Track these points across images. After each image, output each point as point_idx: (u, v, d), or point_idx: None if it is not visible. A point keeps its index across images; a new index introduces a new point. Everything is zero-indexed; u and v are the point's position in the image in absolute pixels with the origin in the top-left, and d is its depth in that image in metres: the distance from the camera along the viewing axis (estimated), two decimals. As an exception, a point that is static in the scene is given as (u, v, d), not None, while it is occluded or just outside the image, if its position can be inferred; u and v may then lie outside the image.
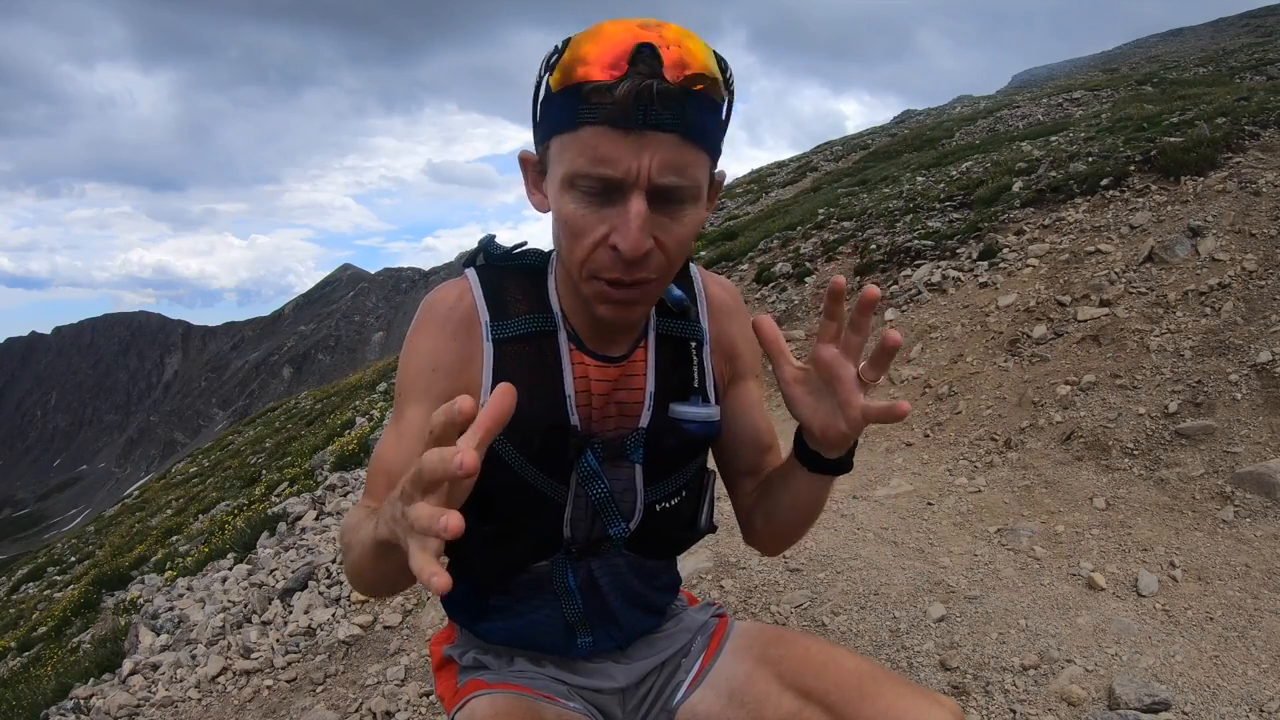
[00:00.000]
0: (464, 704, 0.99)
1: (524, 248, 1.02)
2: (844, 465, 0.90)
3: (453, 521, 0.54)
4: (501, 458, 0.94)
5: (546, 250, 1.02)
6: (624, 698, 1.11)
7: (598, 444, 0.97)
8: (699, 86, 0.77)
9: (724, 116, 0.82)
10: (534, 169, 0.89)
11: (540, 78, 0.82)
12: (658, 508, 1.03)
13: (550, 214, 0.87)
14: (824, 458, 0.89)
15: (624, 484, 1.00)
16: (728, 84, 0.81)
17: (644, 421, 0.99)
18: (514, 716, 0.94)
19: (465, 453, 0.54)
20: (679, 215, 0.82)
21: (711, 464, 1.13)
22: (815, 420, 0.85)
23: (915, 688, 0.97)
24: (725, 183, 0.97)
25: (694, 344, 1.02)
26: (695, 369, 1.02)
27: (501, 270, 1.00)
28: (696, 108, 0.77)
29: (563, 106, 0.78)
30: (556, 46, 0.80)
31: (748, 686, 1.03)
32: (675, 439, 1.00)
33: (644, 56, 0.74)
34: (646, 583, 1.09)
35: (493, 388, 0.91)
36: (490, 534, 0.99)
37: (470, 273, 1.00)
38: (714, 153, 0.83)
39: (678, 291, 1.02)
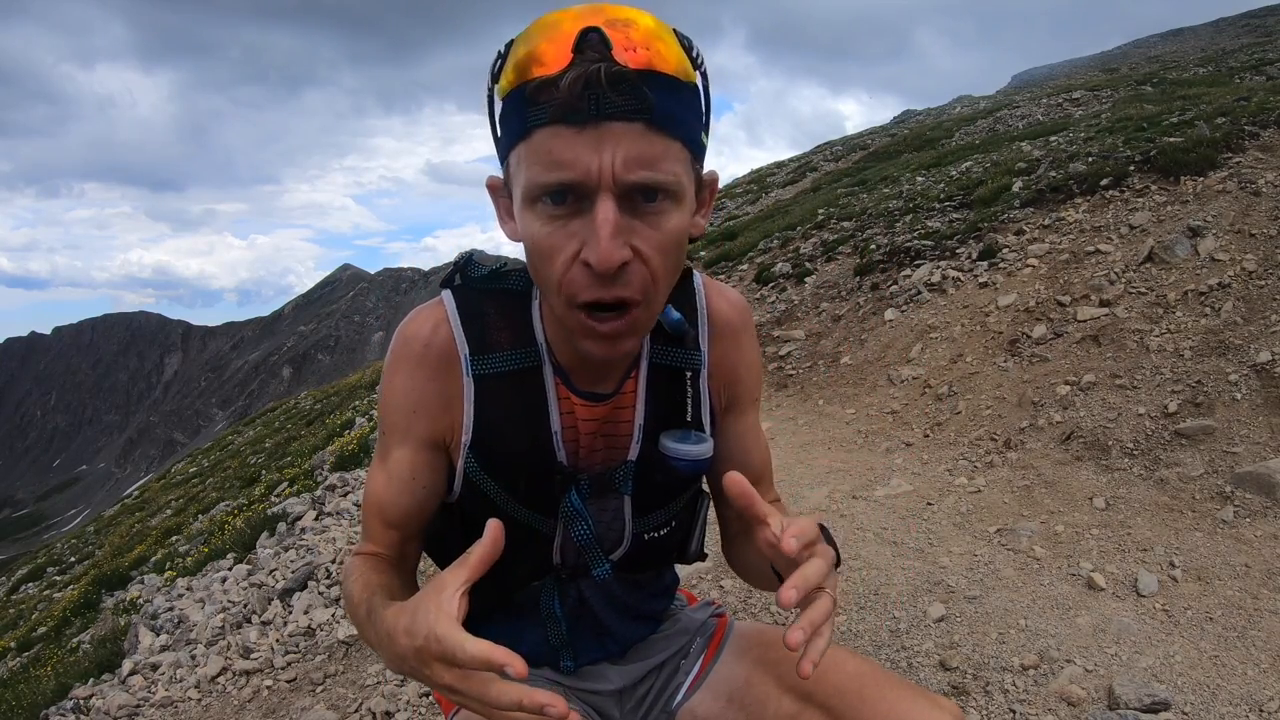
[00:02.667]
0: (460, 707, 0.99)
1: (506, 267, 0.93)
2: None
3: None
4: (489, 497, 0.93)
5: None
6: (621, 699, 1.11)
7: (584, 480, 0.94)
8: (658, 66, 0.68)
9: (701, 103, 0.73)
10: (503, 195, 0.81)
11: (490, 91, 0.74)
12: (646, 537, 1.01)
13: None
14: None
15: (612, 514, 0.98)
16: (695, 63, 0.72)
17: (633, 455, 0.95)
18: None
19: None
20: (658, 220, 0.71)
21: (706, 485, 1.11)
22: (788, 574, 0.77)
23: (916, 690, 0.97)
24: (726, 183, 0.93)
25: (689, 374, 0.96)
26: (689, 401, 0.96)
27: (481, 294, 0.91)
28: (659, 90, 0.68)
29: (512, 114, 0.71)
30: (499, 52, 0.73)
31: (747, 689, 1.03)
32: (664, 475, 0.96)
33: (590, 42, 0.66)
34: (639, 594, 1.09)
35: (475, 426, 0.90)
36: None
37: (447, 297, 0.92)
38: (692, 144, 0.73)
39: (676, 314, 0.94)
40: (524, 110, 0.69)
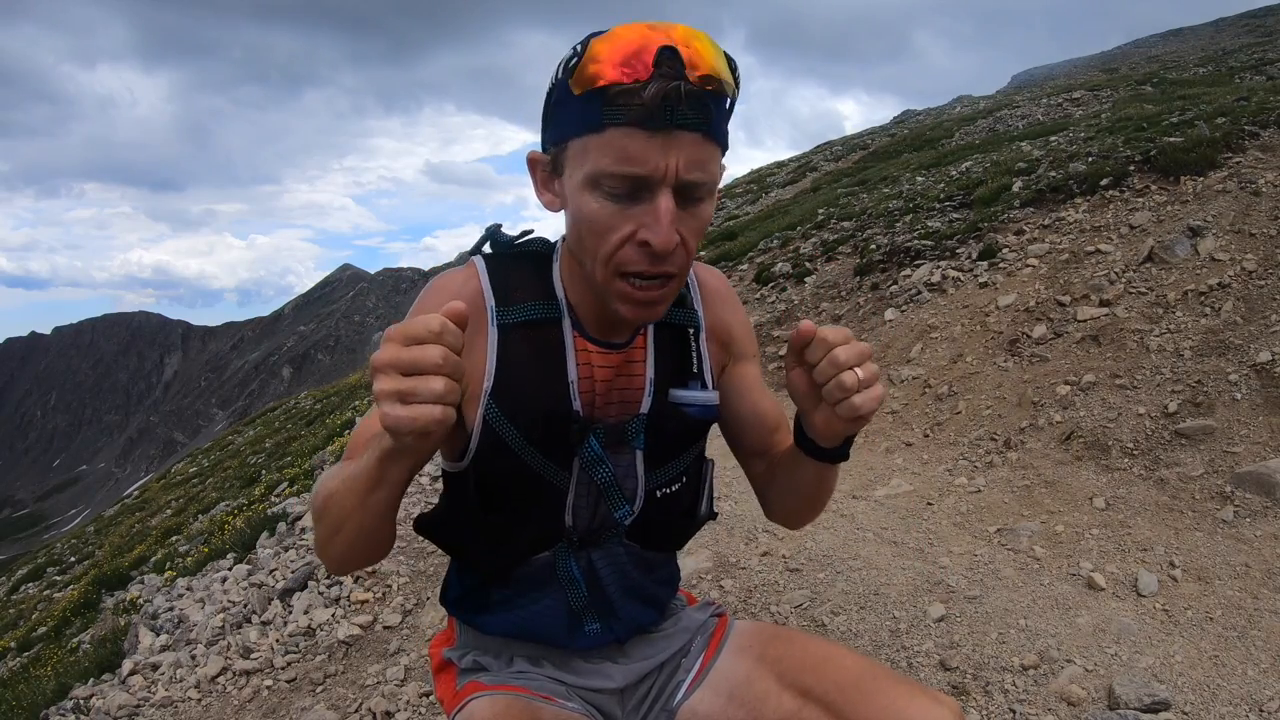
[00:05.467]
0: (463, 706, 0.99)
1: (529, 236, 1.04)
2: (840, 455, 0.94)
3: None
4: (506, 444, 0.95)
5: (551, 239, 1.03)
6: (623, 698, 1.11)
7: (600, 430, 0.98)
8: (716, 86, 0.80)
9: (729, 110, 0.86)
10: (543, 169, 0.91)
11: (556, 80, 0.84)
12: (658, 494, 1.04)
13: (563, 213, 0.90)
14: (821, 447, 0.92)
15: (625, 470, 1.01)
16: (737, 81, 0.85)
17: (645, 407, 1.01)
18: (512, 717, 0.94)
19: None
20: (697, 210, 0.86)
21: (710, 453, 1.14)
22: (814, 416, 0.89)
23: (915, 686, 0.97)
24: (726, 183, 0.98)
25: (692, 330, 1.05)
26: (694, 354, 1.04)
27: (507, 258, 1.01)
28: (716, 106, 0.81)
29: (585, 109, 0.80)
30: (575, 49, 0.82)
31: (747, 686, 1.03)
32: (675, 423, 1.02)
33: (667, 59, 0.77)
34: (646, 574, 1.10)
35: (496, 372, 0.94)
36: (493, 525, 1.00)
37: (477, 260, 1.02)
38: (725, 148, 0.87)
39: None
40: (600, 109, 0.79)
